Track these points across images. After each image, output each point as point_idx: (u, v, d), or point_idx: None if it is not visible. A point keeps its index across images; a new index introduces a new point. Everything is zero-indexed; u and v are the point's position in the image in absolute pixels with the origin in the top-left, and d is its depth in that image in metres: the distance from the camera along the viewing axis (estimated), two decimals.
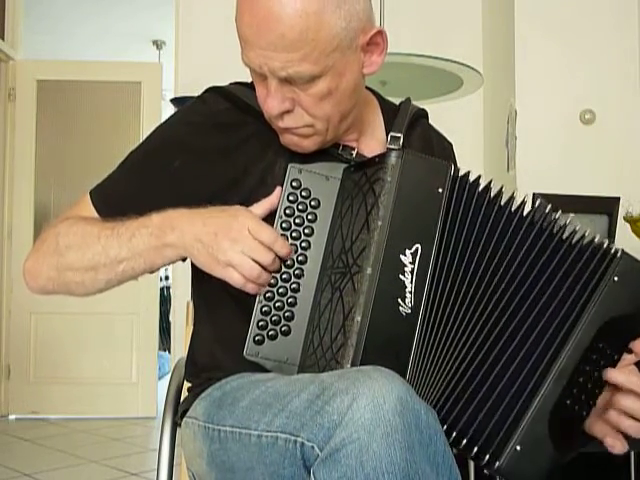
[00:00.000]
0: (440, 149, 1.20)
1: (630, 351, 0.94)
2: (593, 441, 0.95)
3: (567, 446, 0.92)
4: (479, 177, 0.96)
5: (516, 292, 0.94)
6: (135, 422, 4.01)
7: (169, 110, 4.41)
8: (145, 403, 4.18)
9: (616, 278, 0.93)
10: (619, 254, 0.94)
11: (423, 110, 1.22)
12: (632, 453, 1.90)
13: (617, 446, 0.93)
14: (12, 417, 4.11)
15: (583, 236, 0.95)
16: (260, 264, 0.94)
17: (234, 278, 0.95)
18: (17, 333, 4.18)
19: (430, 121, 1.25)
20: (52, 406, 4.13)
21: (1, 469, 3.04)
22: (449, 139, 1.26)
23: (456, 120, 3.17)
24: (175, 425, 1.16)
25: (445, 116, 2.32)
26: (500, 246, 0.94)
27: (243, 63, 0.99)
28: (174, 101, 3.50)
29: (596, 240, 0.95)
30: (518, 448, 0.89)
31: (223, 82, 1.13)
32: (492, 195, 0.95)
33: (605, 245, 0.95)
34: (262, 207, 1.00)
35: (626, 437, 0.94)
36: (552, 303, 0.94)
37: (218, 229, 0.95)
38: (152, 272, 1.06)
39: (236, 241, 0.94)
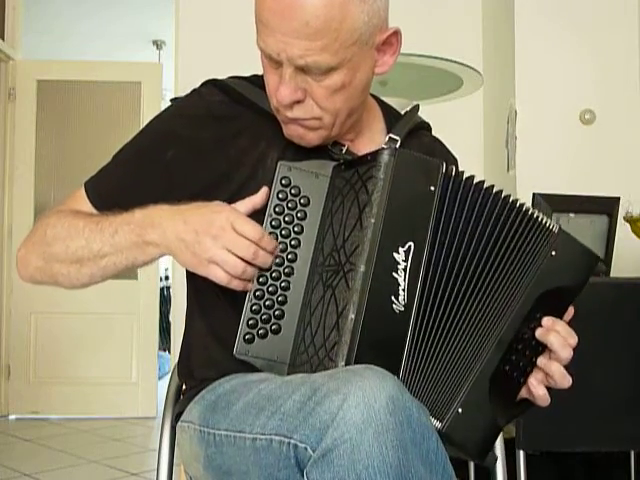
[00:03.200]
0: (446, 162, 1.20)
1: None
2: (529, 406, 1.00)
3: (505, 411, 0.96)
4: (472, 176, 0.96)
5: (509, 287, 0.95)
6: (135, 422, 4.01)
7: None
8: (145, 403, 4.18)
9: (554, 252, 0.96)
10: (556, 230, 0.97)
11: (427, 123, 1.23)
12: (632, 453, 1.91)
13: (539, 389, 0.96)
14: (12, 417, 4.11)
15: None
16: (244, 259, 0.93)
17: (218, 275, 0.94)
18: (17, 333, 4.18)
19: (430, 121, 1.25)
20: (52, 406, 4.13)
21: (1, 469, 3.04)
22: (449, 140, 1.25)
23: (456, 120, 3.17)
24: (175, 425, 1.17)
25: (445, 116, 2.32)
26: (493, 243, 0.95)
27: (258, 48, 0.98)
28: (174, 101, 3.49)
29: (542, 220, 0.98)
30: (460, 411, 0.92)
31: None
32: (484, 192, 0.95)
33: (545, 222, 0.98)
34: (245, 205, 1.00)
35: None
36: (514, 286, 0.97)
37: (199, 226, 0.94)
38: (138, 267, 1.06)
39: (217, 237, 0.93)
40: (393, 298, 0.89)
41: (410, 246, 0.91)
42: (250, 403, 0.90)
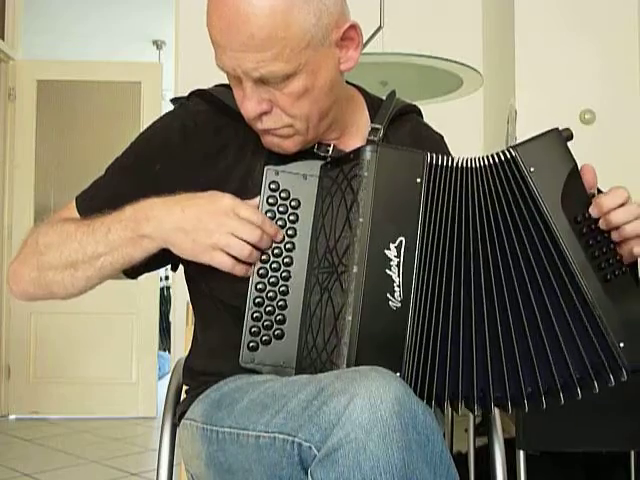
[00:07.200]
0: (432, 143, 1.19)
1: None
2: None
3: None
4: (455, 160, 0.95)
5: (501, 270, 0.93)
6: (135, 422, 4.00)
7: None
8: (145, 403, 4.18)
9: (532, 169, 0.94)
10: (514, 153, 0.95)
11: (414, 106, 1.21)
12: (632, 453, 1.91)
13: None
14: (12, 417, 4.11)
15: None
16: (250, 242, 0.94)
17: (222, 260, 0.94)
18: (17, 333, 4.17)
19: (430, 121, 1.24)
20: (52, 406, 4.12)
21: (1, 469, 3.04)
22: (449, 138, 1.25)
23: (456, 120, 3.17)
24: (175, 425, 1.17)
25: (445, 116, 2.32)
26: (483, 227, 0.94)
27: (218, 67, 0.98)
28: (174, 101, 3.49)
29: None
30: (622, 345, 0.92)
31: (223, 82, 1.13)
32: (471, 177, 0.95)
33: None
34: None
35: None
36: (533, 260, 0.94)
37: (201, 214, 0.94)
38: (134, 270, 1.05)
39: (222, 223, 0.93)
40: (389, 295, 0.89)
41: (401, 241, 0.90)
42: (254, 401, 0.90)
